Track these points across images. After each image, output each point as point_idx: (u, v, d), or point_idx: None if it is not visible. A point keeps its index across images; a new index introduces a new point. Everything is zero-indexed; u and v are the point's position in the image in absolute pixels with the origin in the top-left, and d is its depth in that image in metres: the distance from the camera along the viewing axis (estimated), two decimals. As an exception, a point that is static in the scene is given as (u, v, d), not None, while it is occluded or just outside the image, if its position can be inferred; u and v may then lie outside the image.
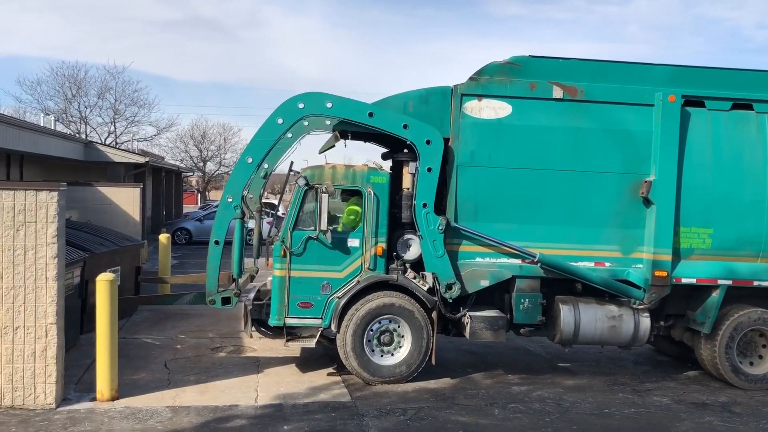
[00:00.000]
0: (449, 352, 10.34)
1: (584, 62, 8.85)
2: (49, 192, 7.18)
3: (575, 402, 8.10)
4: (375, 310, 8.35)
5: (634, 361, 10.18)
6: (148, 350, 9.77)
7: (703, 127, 8.80)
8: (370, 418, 7.28)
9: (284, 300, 8.39)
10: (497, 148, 8.54)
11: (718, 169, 8.78)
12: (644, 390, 8.77)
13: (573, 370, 9.64)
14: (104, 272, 7.82)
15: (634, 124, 8.76)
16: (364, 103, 8.49)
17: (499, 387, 8.63)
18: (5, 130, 15.11)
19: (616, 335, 8.77)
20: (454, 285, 8.39)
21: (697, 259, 8.78)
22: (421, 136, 8.37)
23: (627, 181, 8.75)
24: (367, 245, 8.49)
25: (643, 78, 8.84)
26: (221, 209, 8.58)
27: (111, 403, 7.41)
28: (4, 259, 7.12)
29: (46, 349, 7.22)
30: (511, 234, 8.62)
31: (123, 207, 15.64)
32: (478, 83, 8.55)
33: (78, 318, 9.83)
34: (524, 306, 8.71)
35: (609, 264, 8.79)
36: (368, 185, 8.50)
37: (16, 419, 6.87)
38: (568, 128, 8.68)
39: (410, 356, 8.43)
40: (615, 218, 8.77)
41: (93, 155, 22.39)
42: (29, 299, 7.16)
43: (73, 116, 36.73)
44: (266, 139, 8.47)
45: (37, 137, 17.52)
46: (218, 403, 7.56)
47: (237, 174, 8.61)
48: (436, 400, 7.97)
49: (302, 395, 7.96)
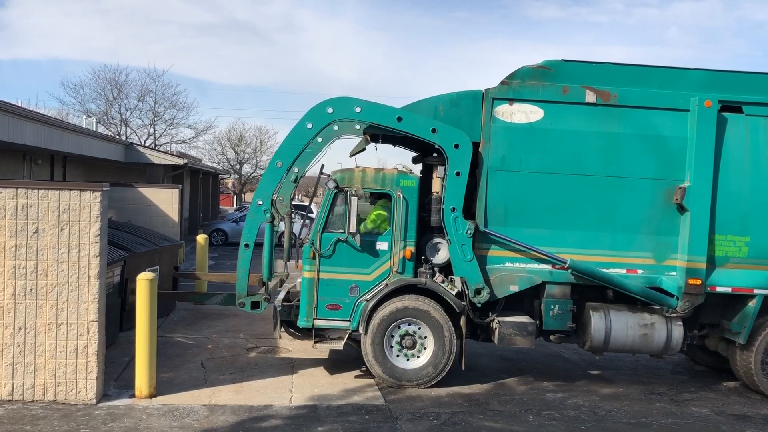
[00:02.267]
0: (483, 357, 10.31)
1: (618, 66, 8.84)
2: (92, 192, 7.36)
3: (611, 410, 8.01)
4: (392, 314, 8.42)
5: (672, 371, 10.02)
6: (184, 349, 9.94)
7: (740, 133, 8.70)
8: (404, 421, 7.30)
9: (313, 302, 8.53)
10: (528, 152, 8.58)
11: (756, 176, 8.67)
12: (682, 400, 8.64)
13: (609, 378, 9.53)
14: (144, 271, 7.94)
15: (669, 130, 8.72)
16: (392, 107, 8.59)
17: (534, 393, 8.57)
18: (50, 131, 15.56)
19: (648, 343, 8.72)
20: (482, 290, 8.44)
21: (732, 267, 8.69)
22: (449, 140, 8.45)
23: (661, 187, 8.72)
24: (395, 248, 8.58)
25: (678, 83, 8.79)
26: (251, 213, 8.75)
27: (149, 400, 7.56)
28: (48, 257, 7.31)
29: (88, 345, 7.40)
30: (541, 239, 8.63)
31: (162, 208, 15.93)
32: (510, 87, 8.61)
33: (117, 316, 10.05)
34: (554, 312, 8.71)
35: (641, 271, 8.75)
36: (397, 189, 8.59)
37: (59, 413, 7.05)
38: (601, 133, 8.68)
39: (433, 359, 8.46)
40: (648, 225, 8.73)
41: (133, 157, 22.87)
42: (72, 297, 7.35)
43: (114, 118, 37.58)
44: (296, 143, 8.63)
45: (80, 138, 17.99)
46: (253, 402, 7.66)
47: (267, 178, 8.77)
48: (469, 405, 7.95)
49: (336, 397, 8.01)
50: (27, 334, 7.39)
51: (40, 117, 15.82)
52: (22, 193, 7.32)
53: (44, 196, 7.33)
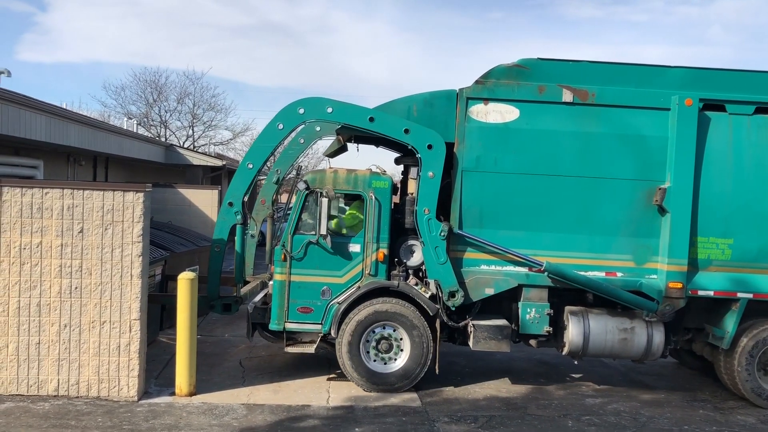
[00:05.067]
0: (520, 361, 10.33)
1: (596, 65, 8.93)
2: (135, 193, 7.54)
3: (652, 417, 7.94)
4: (368, 317, 8.50)
5: (715, 377, 9.74)
6: (223, 348, 10.13)
7: (723, 133, 8.68)
8: (441, 424, 7.33)
9: (284, 305, 8.65)
10: (504, 152, 8.63)
11: (739, 177, 8.64)
12: (727, 408, 8.52)
13: (650, 384, 9.46)
14: (184, 271, 8.06)
15: (649, 129, 8.76)
16: (364, 107, 8.74)
17: (573, 398, 8.54)
18: (94, 133, 16.09)
19: (628, 348, 8.83)
20: (457, 292, 8.50)
21: (715, 270, 8.71)
22: (422, 141, 8.51)
23: (641, 188, 8.74)
24: (368, 250, 8.67)
25: (658, 81, 8.80)
26: (222, 214, 9.01)
27: (189, 399, 7.73)
28: (93, 257, 7.50)
29: (130, 343, 7.59)
30: (518, 241, 8.67)
31: (201, 208, 16.28)
32: (485, 86, 8.66)
33: (158, 315, 10.25)
34: (531, 316, 8.82)
35: (621, 274, 8.78)
36: (370, 190, 8.66)
37: (102, 409, 7.25)
38: (578, 133, 8.70)
39: (410, 362, 8.54)
40: (627, 226, 8.78)
41: (173, 158, 23.40)
42: (115, 295, 7.54)
43: (154, 120, 38.49)
44: (267, 144, 8.83)
45: (122, 140, 18.55)
46: (291, 402, 7.81)
47: (238, 179, 8.93)
48: (507, 409, 7.95)
49: (373, 398, 8.13)
50: (72, 331, 7.61)
51: (84, 119, 16.42)
52: (68, 193, 7.54)
53: (89, 197, 7.54)
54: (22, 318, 7.63)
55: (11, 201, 7.58)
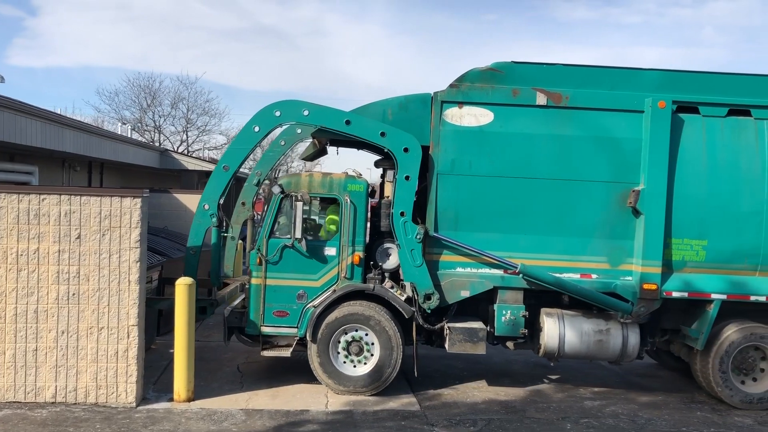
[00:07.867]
0: (518, 364, 10.42)
1: (570, 68, 9.31)
2: (132, 198, 7.59)
3: (650, 419, 8.06)
4: (337, 320, 8.74)
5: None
6: (221, 353, 10.21)
7: (696, 135, 9.01)
8: (440, 428, 7.43)
9: (260, 308, 8.90)
10: (478, 155, 8.92)
11: (713, 178, 8.96)
12: (724, 409, 8.70)
13: (647, 386, 9.62)
14: (181, 277, 8.04)
15: (623, 131, 9.09)
16: (341, 111, 9.02)
17: (571, 401, 8.63)
18: (89, 138, 16.22)
19: (604, 350, 9.15)
20: (432, 295, 8.77)
21: (690, 272, 9.02)
22: (398, 144, 8.78)
23: (615, 191, 9.05)
24: (343, 254, 8.91)
25: (632, 83, 9.14)
26: (197, 217, 9.22)
27: (187, 404, 7.79)
28: (90, 263, 7.55)
29: (128, 349, 7.65)
30: (493, 244, 8.94)
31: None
32: (459, 90, 8.95)
33: (155, 320, 10.22)
34: (506, 318, 9.09)
35: (596, 276, 9.08)
36: (345, 193, 8.91)
37: (100, 416, 7.30)
38: (552, 135, 9.02)
39: (380, 365, 8.75)
40: (602, 229, 9.09)
41: (168, 163, 23.52)
42: (113, 301, 7.61)
43: (148, 125, 38.60)
44: (243, 146, 9.07)
45: (117, 145, 18.69)
46: (290, 407, 7.88)
47: (213, 182, 9.13)
48: (506, 412, 8.03)
49: (372, 402, 8.18)
50: (69, 337, 7.66)
51: (79, 125, 16.60)
52: (65, 199, 7.61)
53: (86, 203, 7.59)
54: (20, 324, 7.74)
55: (8, 207, 7.64)
